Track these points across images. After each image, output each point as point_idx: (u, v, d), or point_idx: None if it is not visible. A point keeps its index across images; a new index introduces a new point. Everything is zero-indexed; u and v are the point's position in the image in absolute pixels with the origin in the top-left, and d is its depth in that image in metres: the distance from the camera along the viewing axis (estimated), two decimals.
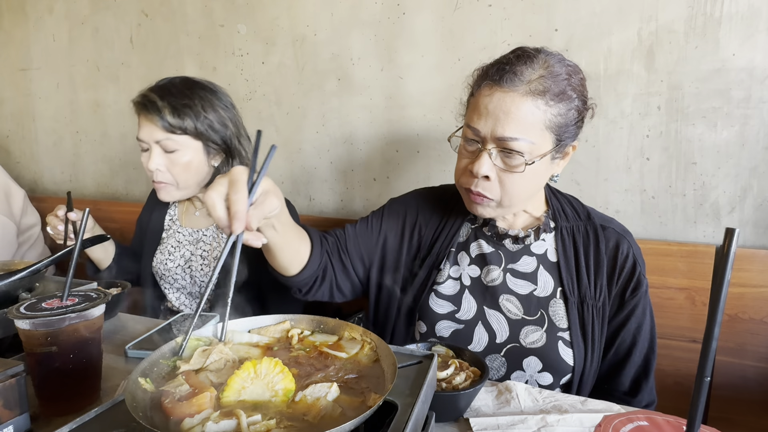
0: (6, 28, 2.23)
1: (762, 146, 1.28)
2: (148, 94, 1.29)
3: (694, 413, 0.47)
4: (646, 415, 0.54)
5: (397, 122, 1.64)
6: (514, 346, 1.01)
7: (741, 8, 1.23)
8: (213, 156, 1.35)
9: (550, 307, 1.01)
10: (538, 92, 0.89)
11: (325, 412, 0.54)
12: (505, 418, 0.78)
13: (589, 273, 1.01)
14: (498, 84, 0.91)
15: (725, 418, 1.26)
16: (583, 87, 0.96)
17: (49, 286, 1.04)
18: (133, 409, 0.50)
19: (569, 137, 0.95)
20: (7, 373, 0.66)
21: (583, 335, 0.99)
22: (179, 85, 1.31)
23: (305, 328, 0.75)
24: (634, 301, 1.00)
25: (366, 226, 1.15)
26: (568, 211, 1.07)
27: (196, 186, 1.36)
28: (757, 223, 1.31)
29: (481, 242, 1.08)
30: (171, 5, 1.89)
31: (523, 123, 0.89)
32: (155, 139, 1.28)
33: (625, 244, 1.01)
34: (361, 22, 1.62)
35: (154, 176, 1.31)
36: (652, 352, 1.01)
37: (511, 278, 1.04)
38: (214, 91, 1.34)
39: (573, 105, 0.92)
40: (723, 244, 0.44)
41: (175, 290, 1.45)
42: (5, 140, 2.36)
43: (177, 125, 1.26)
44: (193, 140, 1.30)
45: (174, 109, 1.26)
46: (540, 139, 0.91)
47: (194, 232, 1.44)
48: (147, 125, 1.28)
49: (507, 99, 0.90)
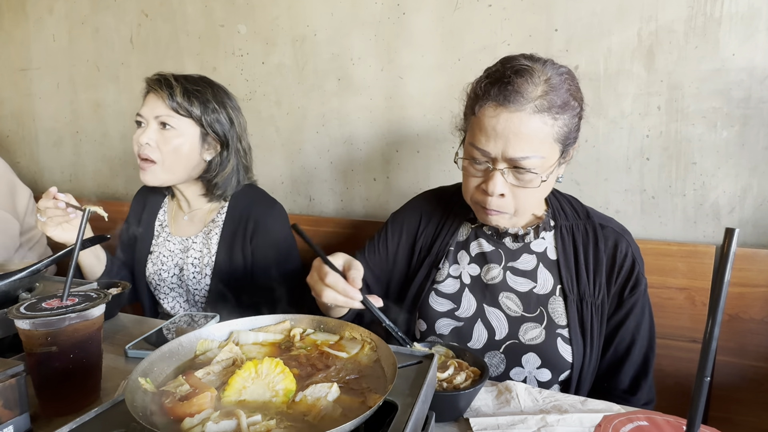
0: (6, 28, 2.23)
1: (762, 146, 1.28)
2: (164, 73, 1.31)
3: (694, 413, 0.47)
4: (646, 415, 0.54)
5: (397, 122, 1.64)
6: (513, 342, 1.02)
7: (741, 8, 1.23)
8: (207, 149, 1.34)
9: (549, 305, 1.02)
10: (545, 108, 0.89)
11: (326, 412, 0.54)
12: (505, 418, 0.78)
13: (588, 271, 1.02)
14: (503, 105, 0.89)
15: (725, 418, 1.26)
16: (578, 90, 0.97)
17: (49, 286, 1.04)
18: (133, 409, 0.50)
19: (572, 141, 0.97)
20: (7, 373, 0.66)
21: (582, 332, 1.00)
22: (197, 78, 1.35)
23: (306, 327, 0.75)
24: (633, 300, 1.01)
25: (374, 252, 1.18)
26: (567, 210, 1.08)
27: (182, 173, 1.33)
28: (757, 223, 1.31)
29: (481, 241, 1.09)
30: (171, 5, 1.89)
31: (534, 141, 0.90)
32: (155, 114, 1.28)
33: (624, 243, 1.02)
34: (361, 22, 1.62)
35: (142, 150, 1.28)
36: (651, 351, 1.02)
37: (511, 276, 1.05)
38: (227, 93, 1.38)
39: (575, 112, 0.94)
40: (723, 244, 0.44)
41: (171, 299, 1.44)
42: (5, 140, 2.36)
43: (184, 106, 1.27)
44: (193, 126, 1.30)
45: (186, 91, 1.28)
46: (549, 152, 0.93)
47: (183, 240, 1.41)
48: (153, 101, 1.29)
49: (515, 119, 0.89)
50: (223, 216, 1.40)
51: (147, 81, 1.33)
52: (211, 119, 1.31)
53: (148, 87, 1.32)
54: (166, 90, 1.27)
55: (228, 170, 1.36)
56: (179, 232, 1.44)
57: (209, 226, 1.40)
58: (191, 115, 1.29)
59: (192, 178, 1.36)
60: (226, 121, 1.34)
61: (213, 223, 1.40)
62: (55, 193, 1.20)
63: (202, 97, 1.30)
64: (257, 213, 1.37)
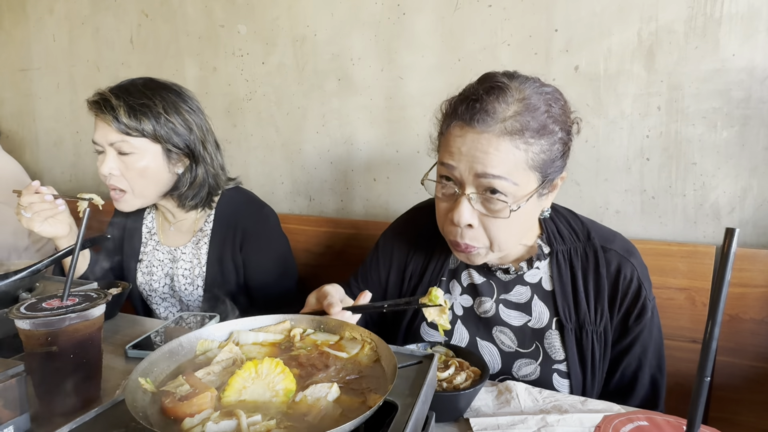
0: (6, 29, 2.23)
1: (762, 146, 1.28)
2: (103, 93, 1.20)
3: (694, 413, 0.47)
4: (646, 415, 0.54)
5: (397, 122, 1.64)
6: (507, 377, 0.98)
7: (741, 8, 1.23)
8: (175, 162, 1.26)
9: (545, 339, 0.97)
10: (516, 131, 0.81)
11: (326, 412, 0.54)
12: (505, 418, 0.78)
13: (588, 298, 0.95)
14: (469, 125, 0.83)
15: (725, 418, 1.26)
16: (565, 115, 0.88)
17: (49, 286, 1.04)
18: (133, 409, 0.50)
19: (556, 171, 0.88)
20: (7, 373, 0.66)
21: (582, 363, 0.95)
22: (140, 86, 1.23)
23: (306, 327, 0.75)
24: (640, 327, 0.94)
25: (367, 278, 1.15)
26: (564, 233, 1.00)
27: (155, 194, 1.27)
28: (757, 223, 1.31)
29: (471, 271, 1.03)
30: (171, 5, 1.89)
31: (504, 163, 0.82)
32: (109, 141, 1.19)
33: (629, 268, 0.94)
34: (362, 23, 1.62)
35: (108, 181, 1.22)
36: (660, 373, 0.97)
37: (504, 309, 0.99)
38: (179, 93, 1.26)
39: (556, 138, 0.85)
40: (723, 244, 0.44)
41: (164, 309, 1.42)
42: (5, 140, 2.36)
43: (133, 127, 1.18)
44: (151, 144, 1.21)
45: (131, 109, 1.18)
46: (524, 180, 0.84)
47: (172, 250, 1.37)
48: (101, 126, 1.20)
49: (482, 140, 0.82)
50: (211, 225, 1.34)
51: (88, 103, 1.22)
52: (167, 133, 1.21)
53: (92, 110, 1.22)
54: (110, 113, 1.17)
55: (198, 182, 1.28)
56: (168, 241, 1.40)
57: (198, 235, 1.36)
58: (144, 134, 1.19)
59: (163, 195, 1.29)
60: (183, 129, 1.23)
61: (201, 233, 1.35)
62: (38, 186, 1.15)
63: (151, 110, 1.19)
64: (245, 219, 1.31)
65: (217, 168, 1.32)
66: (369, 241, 1.62)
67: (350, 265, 1.66)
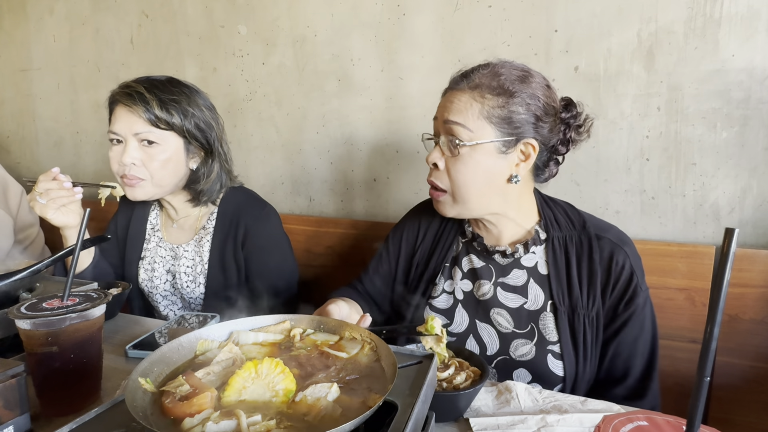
0: (7, 29, 2.23)
1: (762, 147, 1.28)
2: (133, 85, 1.23)
3: (694, 413, 0.47)
4: (645, 415, 0.54)
5: (398, 123, 1.64)
6: (504, 358, 1.03)
7: (741, 9, 1.23)
8: (192, 157, 1.30)
9: (540, 321, 1.02)
10: (475, 86, 0.97)
11: (326, 412, 0.55)
12: (505, 418, 0.78)
13: (581, 283, 1.00)
14: (452, 88, 1.01)
15: (725, 418, 1.26)
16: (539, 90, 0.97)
17: (49, 286, 1.04)
18: (133, 409, 0.50)
19: (521, 134, 0.97)
20: (7, 374, 0.66)
21: (575, 346, 0.99)
22: (165, 82, 1.27)
23: (306, 327, 0.75)
24: (628, 313, 0.98)
25: (379, 270, 1.23)
26: (561, 221, 1.06)
27: (171, 186, 1.29)
28: (757, 223, 1.31)
29: (471, 257, 1.10)
30: (171, 6, 1.89)
31: (462, 112, 0.97)
32: (134, 131, 1.21)
33: (621, 255, 0.99)
34: (362, 23, 1.62)
35: (127, 170, 1.22)
36: (652, 366, 0.99)
37: (502, 292, 1.05)
38: (197, 92, 1.31)
39: (516, 100, 0.95)
40: (723, 244, 0.44)
41: (164, 306, 1.42)
42: (5, 140, 2.36)
43: (164, 119, 1.21)
44: (176, 137, 1.25)
45: (162, 103, 1.21)
46: (478, 128, 0.96)
47: (175, 248, 1.38)
48: (127, 116, 1.21)
49: (452, 96, 1.00)
50: (213, 222, 1.36)
51: (115, 95, 1.25)
52: (192, 127, 1.26)
53: (117, 101, 1.24)
54: (142, 105, 1.19)
55: (213, 176, 1.32)
56: (170, 239, 1.41)
57: (200, 233, 1.37)
58: (173, 128, 1.23)
59: (179, 188, 1.32)
60: (205, 125, 1.28)
61: (204, 230, 1.36)
62: (57, 173, 1.17)
63: (180, 105, 1.24)
64: (247, 218, 1.33)
65: (230, 164, 1.39)
66: (369, 241, 1.63)
67: (350, 265, 1.67)
